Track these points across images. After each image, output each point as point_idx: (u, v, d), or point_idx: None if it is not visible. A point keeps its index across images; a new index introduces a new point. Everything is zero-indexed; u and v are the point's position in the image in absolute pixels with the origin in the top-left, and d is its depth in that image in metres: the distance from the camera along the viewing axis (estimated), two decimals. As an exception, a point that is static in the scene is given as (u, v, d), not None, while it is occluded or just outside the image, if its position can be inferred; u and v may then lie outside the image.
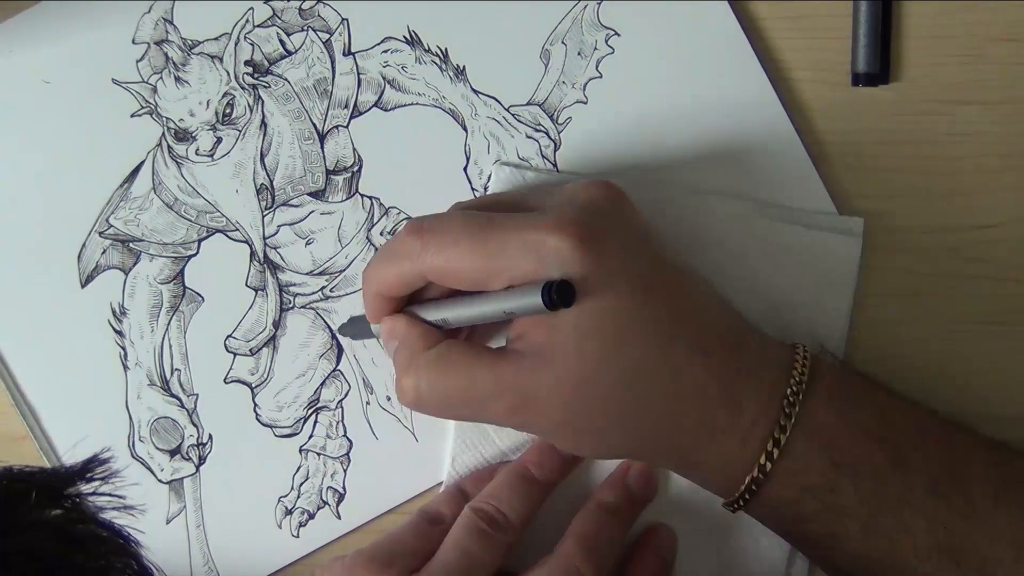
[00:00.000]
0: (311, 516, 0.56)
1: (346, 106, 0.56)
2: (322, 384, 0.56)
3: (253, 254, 0.56)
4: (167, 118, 0.56)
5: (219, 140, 0.56)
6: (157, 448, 0.56)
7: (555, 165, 0.56)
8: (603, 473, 0.55)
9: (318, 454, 0.56)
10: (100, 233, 0.56)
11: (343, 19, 0.56)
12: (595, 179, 0.51)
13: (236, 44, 0.56)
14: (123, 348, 0.56)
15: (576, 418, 0.48)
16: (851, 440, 0.48)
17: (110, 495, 0.39)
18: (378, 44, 0.56)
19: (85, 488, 0.39)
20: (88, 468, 0.39)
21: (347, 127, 0.56)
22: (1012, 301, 0.56)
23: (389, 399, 0.56)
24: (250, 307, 0.56)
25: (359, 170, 0.56)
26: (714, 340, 0.49)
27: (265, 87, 0.56)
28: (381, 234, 0.56)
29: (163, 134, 0.56)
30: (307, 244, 0.56)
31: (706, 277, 0.53)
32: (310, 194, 0.56)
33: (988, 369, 0.56)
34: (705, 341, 0.48)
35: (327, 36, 0.56)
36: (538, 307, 0.45)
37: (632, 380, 0.47)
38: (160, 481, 0.56)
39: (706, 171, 0.56)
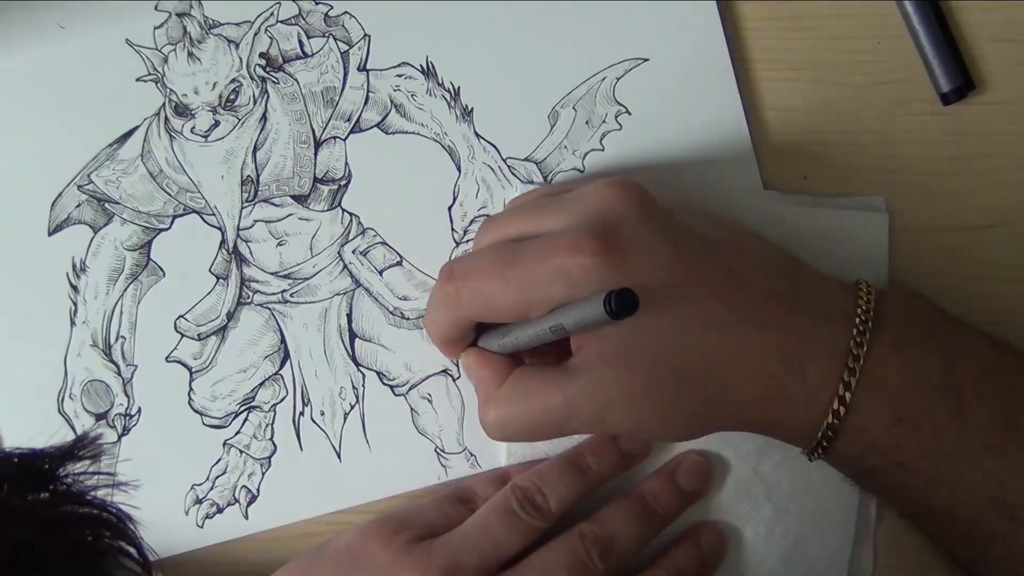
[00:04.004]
0: (220, 510, 0.56)
1: (348, 119, 0.56)
2: (261, 384, 0.56)
3: (223, 242, 0.56)
4: (171, 90, 0.56)
5: (216, 123, 0.56)
6: (85, 409, 0.56)
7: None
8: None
9: (240, 451, 0.56)
10: (79, 187, 0.56)
11: (366, 34, 0.57)
12: (606, 179, 0.50)
13: (256, 34, 0.56)
14: (75, 304, 0.56)
15: (650, 414, 0.49)
16: (915, 393, 0.48)
17: (102, 473, 0.39)
18: (394, 67, 0.57)
19: (76, 467, 0.38)
20: (77, 448, 0.39)
21: (344, 140, 0.56)
22: (1012, 301, 0.56)
23: (323, 414, 0.56)
24: (208, 293, 0.56)
25: (346, 184, 0.56)
26: (770, 307, 0.48)
27: (274, 83, 0.56)
28: (353, 252, 0.56)
29: (164, 105, 0.56)
30: (279, 245, 0.56)
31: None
32: (293, 197, 0.56)
33: None
34: (760, 312, 0.48)
35: (346, 47, 0.57)
36: (604, 319, 0.45)
37: (695, 369, 0.48)
38: (80, 442, 0.56)
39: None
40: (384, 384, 0.56)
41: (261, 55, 0.56)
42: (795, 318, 0.48)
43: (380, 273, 0.56)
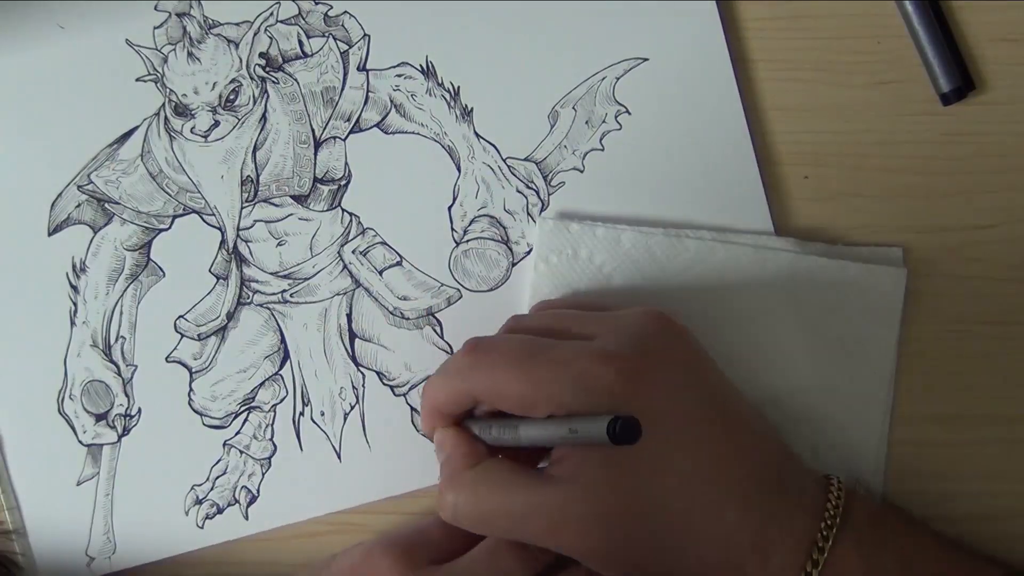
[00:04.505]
0: (220, 511, 0.56)
1: (348, 119, 0.56)
2: (261, 385, 0.56)
3: (223, 242, 0.56)
4: (171, 90, 0.56)
5: (216, 123, 0.56)
6: (85, 409, 0.56)
7: (536, 225, 0.57)
8: None
9: (241, 452, 0.56)
10: (79, 187, 0.56)
11: (365, 34, 0.57)
12: (651, 308, 0.51)
13: (255, 34, 0.56)
14: (75, 304, 0.56)
15: (604, 547, 0.48)
16: None
17: None
18: (394, 67, 0.57)
19: None
20: None
21: (344, 140, 0.56)
22: (1012, 301, 0.56)
23: (323, 414, 0.56)
24: (208, 293, 0.56)
25: (346, 184, 0.56)
26: (752, 485, 0.49)
27: (274, 82, 0.56)
28: (353, 252, 0.56)
29: (163, 105, 0.56)
30: (279, 245, 0.56)
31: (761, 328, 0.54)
32: (293, 197, 0.56)
33: (988, 369, 0.56)
34: (743, 486, 0.49)
35: (346, 47, 0.57)
36: (602, 440, 0.45)
37: (663, 520, 0.48)
38: (80, 442, 0.56)
39: (689, 269, 0.56)
40: (384, 384, 0.56)
41: (261, 55, 0.56)
42: (773, 503, 0.49)
43: (380, 273, 0.56)
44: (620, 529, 0.48)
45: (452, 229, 0.56)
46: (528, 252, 0.56)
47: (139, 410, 0.56)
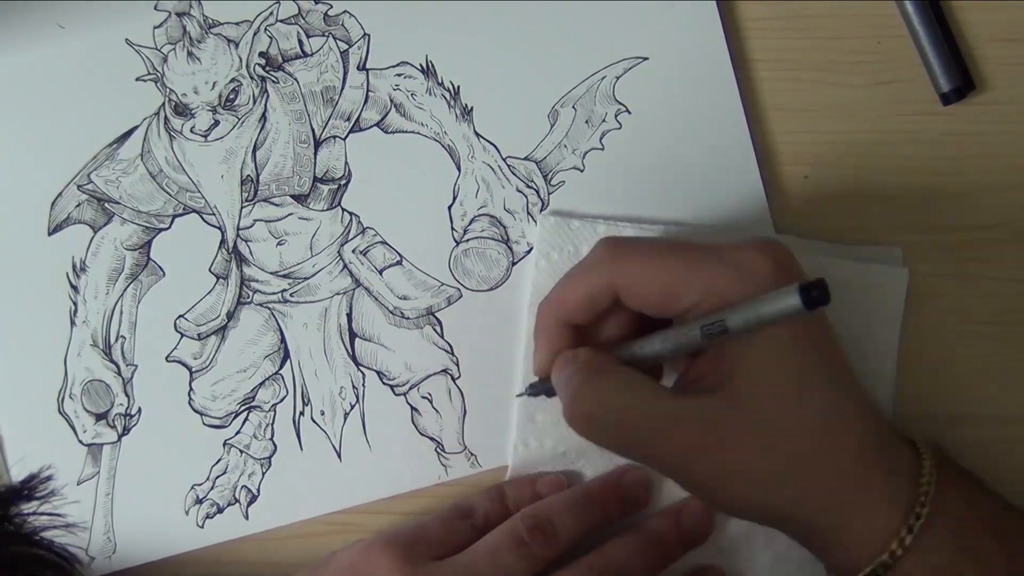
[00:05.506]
0: (220, 510, 0.56)
1: (348, 119, 0.56)
2: (261, 384, 0.56)
3: (223, 242, 0.56)
4: (171, 90, 0.56)
5: (216, 123, 0.56)
6: (85, 409, 0.56)
7: (536, 223, 0.56)
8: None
9: (241, 451, 0.56)
10: (79, 187, 0.56)
11: (365, 34, 0.57)
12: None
13: (255, 34, 0.56)
14: (75, 303, 0.56)
15: (749, 462, 0.47)
16: (975, 528, 0.48)
17: (51, 514, 0.39)
18: (394, 66, 0.57)
19: (24, 507, 0.38)
20: (27, 487, 0.39)
21: (344, 139, 0.56)
22: (1012, 301, 0.56)
23: (323, 414, 0.56)
24: (208, 292, 0.56)
25: (346, 184, 0.56)
26: (868, 437, 0.48)
27: (274, 82, 0.56)
28: (353, 251, 0.56)
29: (163, 104, 0.56)
30: (278, 244, 0.56)
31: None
32: (293, 196, 0.56)
33: (988, 369, 0.56)
34: (866, 397, 0.49)
35: (346, 47, 0.57)
36: (794, 310, 0.44)
37: (814, 426, 0.47)
38: (80, 442, 0.56)
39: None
40: (384, 384, 0.56)
41: (261, 54, 0.56)
42: (882, 459, 0.48)
43: (380, 272, 0.56)
44: (772, 440, 0.46)
45: (452, 228, 0.56)
46: (528, 251, 0.56)
47: (139, 410, 0.56)
